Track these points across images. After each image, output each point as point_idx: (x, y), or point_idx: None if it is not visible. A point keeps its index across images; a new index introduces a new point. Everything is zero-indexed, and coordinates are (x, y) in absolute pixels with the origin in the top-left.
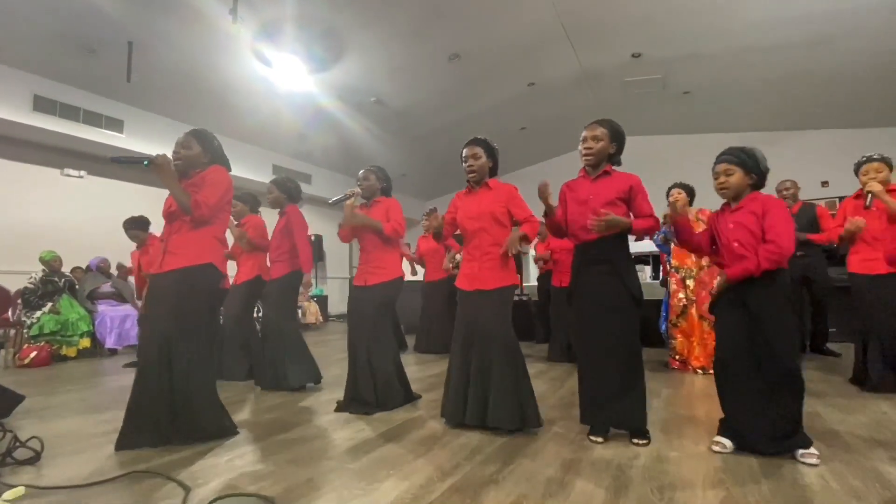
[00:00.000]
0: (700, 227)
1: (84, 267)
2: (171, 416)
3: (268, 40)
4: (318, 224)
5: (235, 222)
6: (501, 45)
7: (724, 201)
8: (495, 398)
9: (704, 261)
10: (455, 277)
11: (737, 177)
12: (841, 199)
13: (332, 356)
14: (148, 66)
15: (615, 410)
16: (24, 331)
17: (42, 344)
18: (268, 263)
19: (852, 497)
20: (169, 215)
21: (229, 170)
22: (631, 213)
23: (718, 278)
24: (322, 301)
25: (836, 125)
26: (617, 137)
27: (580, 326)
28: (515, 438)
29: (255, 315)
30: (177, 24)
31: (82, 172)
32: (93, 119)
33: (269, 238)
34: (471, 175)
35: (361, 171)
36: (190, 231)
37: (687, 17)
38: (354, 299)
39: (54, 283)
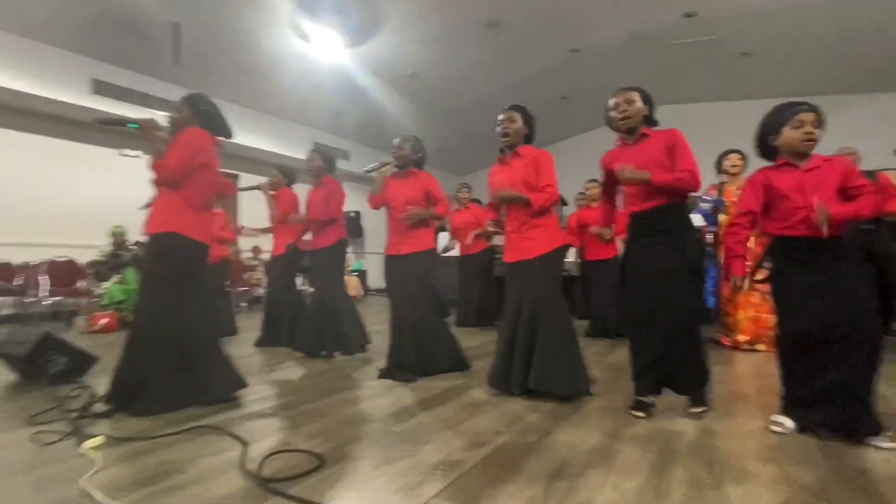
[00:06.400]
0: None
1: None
2: (178, 381)
3: (306, 14)
4: (356, 200)
5: (272, 192)
6: (542, 9)
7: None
8: (542, 363)
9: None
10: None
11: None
12: None
13: (372, 327)
14: (195, 46)
15: (673, 373)
16: (95, 300)
17: (111, 311)
18: (307, 236)
19: None
20: (155, 180)
21: (225, 135)
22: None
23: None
24: (362, 275)
25: None
26: (648, 100)
27: (633, 299)
28: (557, 408)
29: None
30: (219, 2)
31: (138, 152)
32: (146, 100)
33: (306, 211)
34: (504, 139)
35: (396, 140)
36: (163, 197)
37: None
38: (391, 269)
39: (121, 256)
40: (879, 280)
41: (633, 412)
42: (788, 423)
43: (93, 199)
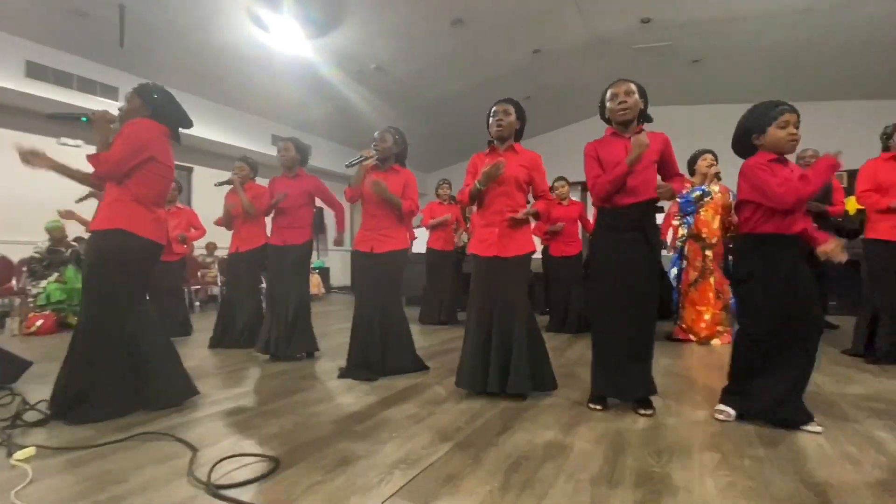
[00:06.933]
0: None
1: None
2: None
3: (264, 2)
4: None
5: (241, 186)
6: (506, 9)
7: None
8: (515, 365)
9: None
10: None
11: None
12: (850, 172)
13: (333, 325)
14: (141, 30)
15: (628, 380)
16: (30, 300)
17: (48, 312)
18: (268, 232)
19: (847, 461)
20: (95, 175)
21: (183, 126)
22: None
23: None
24: (324, 273)
25: (849, 96)
26: (644, 94)
27: (603, 294)
28: (517, 404)
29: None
30: None
31: (79, 142)
32: (87, 86)
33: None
34: (497, 129)
35: (378, 132)
36: (111, 192)
37: None
38: (362, 266)
39: (60, 253)
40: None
41: (591, 405)
42: (730, 411)
43: (28, 191)
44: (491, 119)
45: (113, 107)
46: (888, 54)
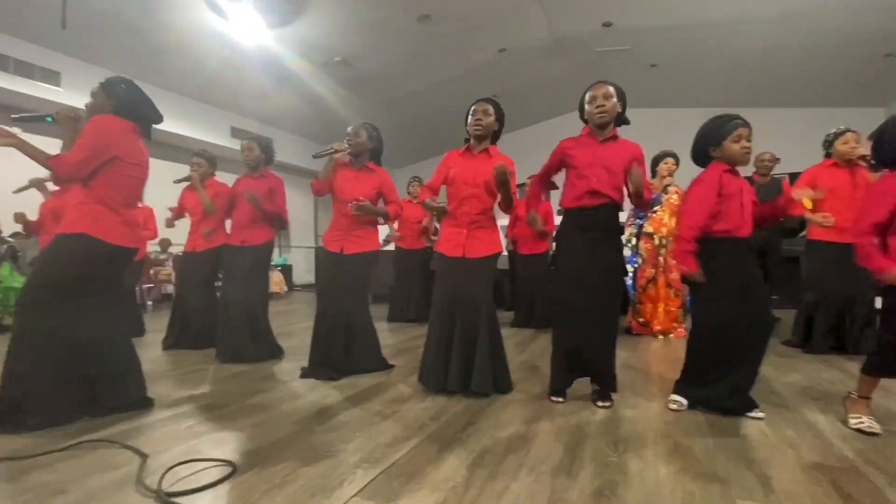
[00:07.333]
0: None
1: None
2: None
3: None
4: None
5: (201, 183)
6: (472, 7)
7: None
8: (479, 364)
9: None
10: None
11: None
12: (792, 174)
13: (296, 324)
14: (86, 10)
15: (590, 376)
16: None
17: None
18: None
19: (786, 445)
20: (55, 178)
21: (153, 121)
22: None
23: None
24: (286, 270)
25: (800, 104)
26: (623, 97)
27: (565, 291)
28: (479, 400)
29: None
30: None
31: (16, 130)
32: (25, 70)
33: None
34: (477, 129)
35: (352, 127)
36: (76, 194)
37: None
38: (329, 266)
39: None
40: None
41: (553, 398)
42: (683, 401)
43: None
44: (470, 118)
45: (54, 92)
46: (837, 64)
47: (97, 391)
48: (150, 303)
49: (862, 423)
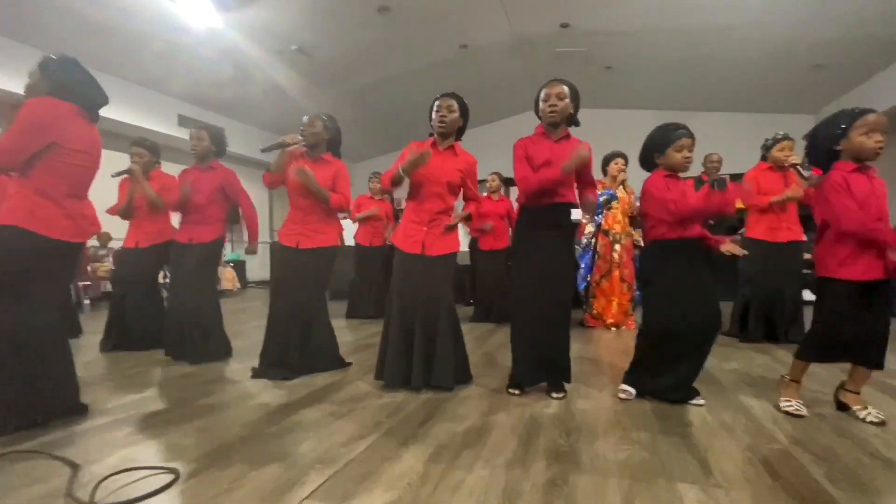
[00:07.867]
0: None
1: None
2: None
3: None
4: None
5: (143, 176)
6: (432, 1)
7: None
8: (440, 359)
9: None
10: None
11: None
12: (733, 175)
13: (249, 323)
14: None
15: (547, 367)
16: None
17: None
18: (175, 225)
19: (723, 428)
20: None
21: (97, 103)
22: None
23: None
24: (240, 266)
25: (744, 109)
26: (576, 98)
27: (524, 286)
28: (437, 395)
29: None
30: None
31: None
32: None
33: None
34: (441, 126)
35: (307, 117)
36: (13, 184)
37: None
38: (285, 262)
39: None
40: None
41: (510, 390)
42: (631, 390)
43: None
44: (434, 114)
45: None
46: (772, 74)
47: (30, 396)
48: (87, 301)
49: (791, 405)
